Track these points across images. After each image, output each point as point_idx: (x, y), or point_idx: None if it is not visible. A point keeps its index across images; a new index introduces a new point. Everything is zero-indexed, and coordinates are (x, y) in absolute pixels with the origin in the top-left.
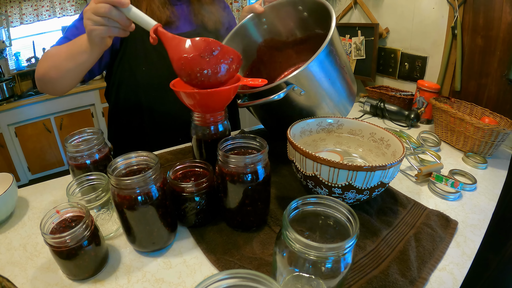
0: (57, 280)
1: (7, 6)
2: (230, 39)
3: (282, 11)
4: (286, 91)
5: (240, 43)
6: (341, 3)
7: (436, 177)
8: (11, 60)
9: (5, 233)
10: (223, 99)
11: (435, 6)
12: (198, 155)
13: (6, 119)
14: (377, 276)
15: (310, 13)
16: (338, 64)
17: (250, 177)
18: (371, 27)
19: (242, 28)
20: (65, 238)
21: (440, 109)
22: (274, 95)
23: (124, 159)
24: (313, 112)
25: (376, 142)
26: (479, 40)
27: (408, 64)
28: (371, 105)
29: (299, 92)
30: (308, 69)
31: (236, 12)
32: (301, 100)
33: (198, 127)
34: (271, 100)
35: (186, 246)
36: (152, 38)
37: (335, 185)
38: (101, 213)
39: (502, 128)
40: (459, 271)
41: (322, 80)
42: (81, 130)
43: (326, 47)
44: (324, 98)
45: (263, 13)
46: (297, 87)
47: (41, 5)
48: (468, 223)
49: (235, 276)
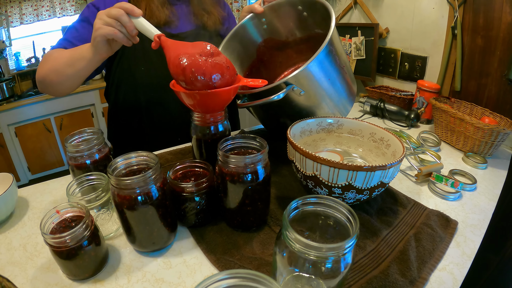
0: (57, 280)
1: (7, 6)
2: (229, 39)
3: (282, 11)
4: (286, 92)
5: (240, 43)
6: (341, 3)
7: (436, 177)
8: (11, 60)
9: (5, 233)
10: (223, 100)
11: (435, 6)
12: (198, 155)
13: (6, 119)
14: (377, 276)
15: (310, 13)
16: (338, 64)
17: (250, 177)
18: (371, 27)
19: (242, 28)
20: (65, 238)
21: (440, 109)
22: (273, 96)
23: (124, 159)
24: (313, 112)
25: (376, 142)
26: (479, 40)
27: (408, 64)
28: (371, 105)
29: (299, 93)
30: (308, 69)
31: (236, 12)
32: (301, 100)
33: (198, 127)
34: (271, 100)
35: (186, 246)
36: (155, 42)
37: (335, 185)
38: (101, 213)
39: (502, 128)
40: (459, 271)
41: (322, 80)
42: (81, 130)
43: (325, 47)
44: (324, 98)
45: (262, 13)
46: (296, 88)
47: (41, 5)
48: (468, 223)
49: (235, 276)
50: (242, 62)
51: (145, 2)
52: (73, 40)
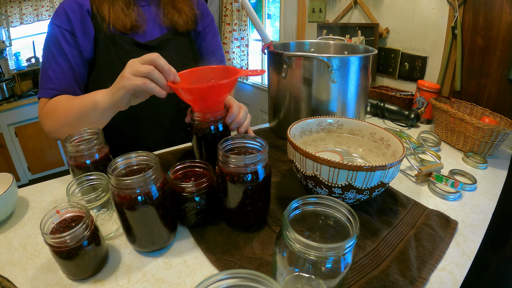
0: (57, 280)
1: (7, 6)
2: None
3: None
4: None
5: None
6: (341, 3)
7: (436, 177)
8: (11, 60)
9: (5, 233)
10: (222, 93)
11: (435, 6)
12: (198, 155)
13: (6, 119)
14: (377, 276)
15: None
16: (362, 82)
17: (250, 177)
18: (371, 27)
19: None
20: (65, 238)
21: (440, 109)
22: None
23: (124, 159)
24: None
25: (376, 142)
26: (479, 40)
27: (408, 64)
28: (371, 105)
29: (333, 78)
30: (351, 60)
31: (236, 12)
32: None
33: (198, 126)
34: (317, 57)
35: (186, 246)
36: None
37: (335, 185)
38: (101, 213)
39: (502, 128)
40: (459, 271)
41: (352, 81)
42: (81, 130)
43: (361, 57)
44: (338, 98)
45: None
46: (334, 71)
47: (41, 5)
48: (468, 223)
49: (235, 276)
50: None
51: (108, 4)
52: (58, 55)
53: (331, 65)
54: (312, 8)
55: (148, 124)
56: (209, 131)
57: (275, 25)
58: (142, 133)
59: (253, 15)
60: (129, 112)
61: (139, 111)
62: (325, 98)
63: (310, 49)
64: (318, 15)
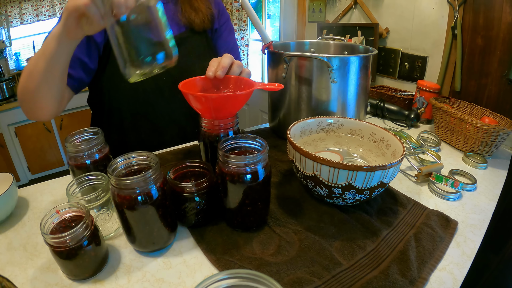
0: (57, 280)
1: (7, 6)
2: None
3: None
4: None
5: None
6: (341, 3)
7: (436, 177)
8: (11, 60)
9: (5, 233)
10: (237, 104)
11: (435, 6)
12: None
13: (6, 119)
14: (377, 276)
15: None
16: (362, 82)
17: (250, 177)
18: (371, 27)
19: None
20: (65, 238)
21: (440, 109)
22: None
23: (124, 159)
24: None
25: (376, 142)
26: (479, 40)
27: (408, 64)
28: (371, 105)
29: (333, 78)
30: (350, 60)
31: (236, 12)
32: (320, 89)
33: (207, 134)
34: (316, 57)
35: (186, 246)
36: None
37: (335, 185)
38: (101, 213)
39: (502, 128)
40: (459, 271)
41: (352, 81)
42: (81, 130)
43: (361, 57)
44: (338, 98)
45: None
46: (335, 70)
47: (41, 5)
48: (468, 223)
49: (235, 276)
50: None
51: None
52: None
53: (331, 65)
54: (312, 8)
55: (164, 119)
56: (218, 139)
57: (275, 25)
58: (158, 128)
59: (253, 15)
60: (145, 108)
61: (156, 106)
62: (325, 98)
63: (310, 49)
64: (318, 15)
